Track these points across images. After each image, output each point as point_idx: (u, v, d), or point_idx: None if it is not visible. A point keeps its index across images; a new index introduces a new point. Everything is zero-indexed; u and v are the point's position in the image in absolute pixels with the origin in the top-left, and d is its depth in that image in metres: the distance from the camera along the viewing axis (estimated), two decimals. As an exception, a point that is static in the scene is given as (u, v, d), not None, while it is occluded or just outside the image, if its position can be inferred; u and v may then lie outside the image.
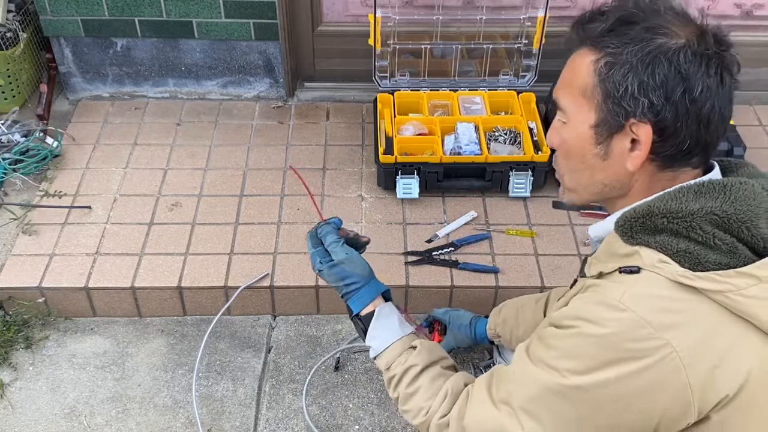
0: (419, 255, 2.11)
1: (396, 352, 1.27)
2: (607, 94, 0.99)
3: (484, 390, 1.11)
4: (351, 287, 1.32)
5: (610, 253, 1.03)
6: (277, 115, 2.66)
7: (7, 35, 2.53)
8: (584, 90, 1.02)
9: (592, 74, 1.00)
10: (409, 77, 2.52)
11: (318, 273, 1.36)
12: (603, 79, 0.99)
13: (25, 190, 2.34)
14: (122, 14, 2.49)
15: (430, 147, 2.30)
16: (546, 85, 2.49)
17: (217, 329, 2.06)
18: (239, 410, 1.88)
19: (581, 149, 1.05)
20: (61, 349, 2.02)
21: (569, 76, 1.06)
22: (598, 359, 0.94)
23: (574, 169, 1.09)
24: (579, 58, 1.04)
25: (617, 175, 1.04)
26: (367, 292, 1.32)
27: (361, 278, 1.33)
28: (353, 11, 2.61)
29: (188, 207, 2.27)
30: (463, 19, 2.47)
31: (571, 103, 1.05)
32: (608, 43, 0.99)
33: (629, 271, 0.96)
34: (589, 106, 1.02)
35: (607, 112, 1.00)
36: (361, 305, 1.32)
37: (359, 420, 1.86)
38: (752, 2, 2.56)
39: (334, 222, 1.40)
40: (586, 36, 1.02)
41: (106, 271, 2.06)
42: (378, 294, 1.33)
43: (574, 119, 1.05)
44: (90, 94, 2.72)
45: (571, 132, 1.06)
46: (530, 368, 1.04)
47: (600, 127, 1.01)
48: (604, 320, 0.94)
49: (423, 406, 1.20)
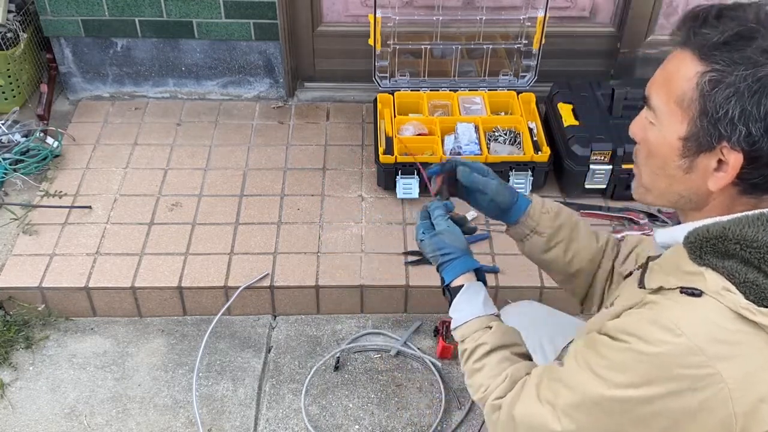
0: (419, 255, 2.11)
1: (473, 329, 1.28)
2: (705, 112, 0.93)
3: (535, 385, 1.11)
4: (446, 257, 1.33)
5: (674, 266, 0.99)
6: (277, 115, 2.67)
7: (8, 35, 2.53)
8: (680, 99, 0.95)
9: (693, 87, 0.93)
10: (409, 77, 2.52)
11: (419, 243, 1.37)
12: (703, 96, 0.92)
13: (25, 190, 2.35)
14: (122, 14, 2.50)
15: (430, 147, 2.30)
16: (546, 85, 2.50)
17: (218, 329, 2.07)
18: (239, 410, 1.88)
19: (665, 156, 1.00)
20: (61, 349, 2.03)
21: (666, 78, 0.99)
22: (645, 376, 0.93)
23: (654, 172, 1.04)
24: (681, 63, 0.96)
25: (696, 190, 0.99)
26: (460, 264, 1.32)
27: (456, 250, 1.33)
28: (353, 11, 2.61)
29: (188, 207, 2.27)
30: (463, 20, 2.47)
31: (664, 107, 0.99)
32: (718, 59, 0.91)
33: (691, 293, 0.93)
34: (682, 117, 0.96)
35: (700, 129, 0.94)
36: (452, 276, 1.32)
37: (359, 420, 1.86)
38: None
39: (446, 204, 1.41)
40: (696, 42, 0.94)
41: (107, 271, 2.07)
42: (469, 269, 1.33)
43: (664, 125, 0.99)
44: (90, 94, 2.73)
45: (658, 136, 1.01)
46: (578, 373, 1.03)
47: (689, 142, 0.96)
48: (658, 341, 0.92)
49: (483, 383, 1.21)
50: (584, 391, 1.01)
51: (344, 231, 2.19)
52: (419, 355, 2.00)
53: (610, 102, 2.32)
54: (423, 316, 2.11)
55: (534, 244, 1.40)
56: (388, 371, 1.97)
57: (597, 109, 2.34)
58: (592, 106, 2.35)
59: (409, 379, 1.96)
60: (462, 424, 1.86)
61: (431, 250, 1.35)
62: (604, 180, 2.25)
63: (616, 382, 0.96)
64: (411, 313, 2.12)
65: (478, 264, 1.34)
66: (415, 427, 1.85)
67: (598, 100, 2.37)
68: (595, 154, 2.21)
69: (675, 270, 0.98)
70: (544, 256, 1.40)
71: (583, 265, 1.39)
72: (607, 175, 2.24)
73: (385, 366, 1.99)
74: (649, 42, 2.62)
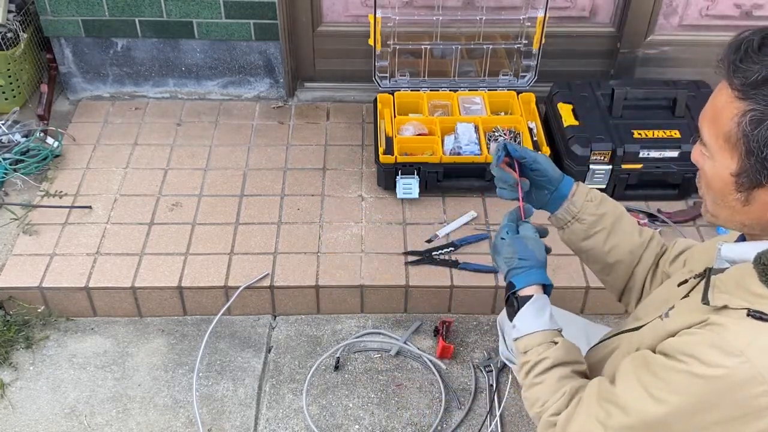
0: (419, 255, 2.11)
1: (537, 341, 1.25)
2: (750, 151, 0.91)
3: (587, 404, 1.10)
4: (522, 263, 1.28)
5: (741, 286, 0.95)
6: (278, 115, 2.67)
7: (8, 35, 2.53)
8: (727, 137, 0.94)
9: (736, 125, 0.92)
10: (409, 77, 2.52)
11: (498, 243, 1.32)
12: (746, 135, 0.91)
13: (25, 190, 2.35)
14: (122, 14, 2.50)
15: (430, 147, 2.31)
16: (546, 86, 2.51)
17: (218, 329, 2.07)
18: (239, 410, 1.88)
19: (722, 189, 0.98)
20: (61, 349, 2.03)
21: (713, 114, 0.97)
22: (701, 400, 0.92)
23: (715, 201, 1.02)
24: (725, 99, 0.94)
25: (759, 220, 0.98)
26: (536, 274, 1.28)
27: (535, 260, 1.29)
28: (353, 11, 2.61)
29: (188, 207, 2.27)
30: (463, 20, 2.47)
31: (714, 143, 0.97)
32: (759, 98, 0.89)
33: (759, 317, 0.90)
34: (731, 154, 0.94)
35: (750, 168, 0.93)
36: (524, 283, 1.28)
37: (359, 420, 1.86)
38: (752, 2, 2.56)
39: (529, 208, 1.38)
40: (737, 78, 0.91)
41: (107, 271, 2.07)
42: (542, 282, 1.29)
43: (717, 160, 0.98)
44: (90, 94, 2.73)
45: (712, 170, 0.99)
46: (630, 393, 1.01)
47: (741, 178, 0.95)
48: (718, 365, 0.90)
49: (541, 398, 1.20)
50: (637, 413, 0.99)
51: (344, 231, 2.20)
52: (419, 355, 2.00)
53: (610, 102, 2.32)
54: (423, 316, 2.11)
55: (574, 231, 1.39)
56: (388, 371, 1.98)
57: (597, 109, 2.34)
58: (592, 106, 2.35)
59: (409, 379, 1.96)
60: (462, 424, 1.86)
61: (510, 252, 1.30)
62: (604, 180, 2.25)
63: (671, 403, 0.94)
64: (411, 313, 2.12)
65: (550, 281, 1.30)
66: (415, 427, 1.85)
67: (598, 100, 2.37)
68: (595, 154, 2.21)
69: (742, 290, 0.95)
70: (583, 244, 1.39)
71: (623, 256, 1.37)
72: (607, 175, 2.24)
73: (385, 366, 1.99)
74: (649, 42, 2.62)
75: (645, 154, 2.21)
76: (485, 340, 2.05)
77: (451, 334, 2.04)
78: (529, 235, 1.31)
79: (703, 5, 2.58)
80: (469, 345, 2.04)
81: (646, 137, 2.23)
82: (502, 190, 1.36)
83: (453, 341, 2.02)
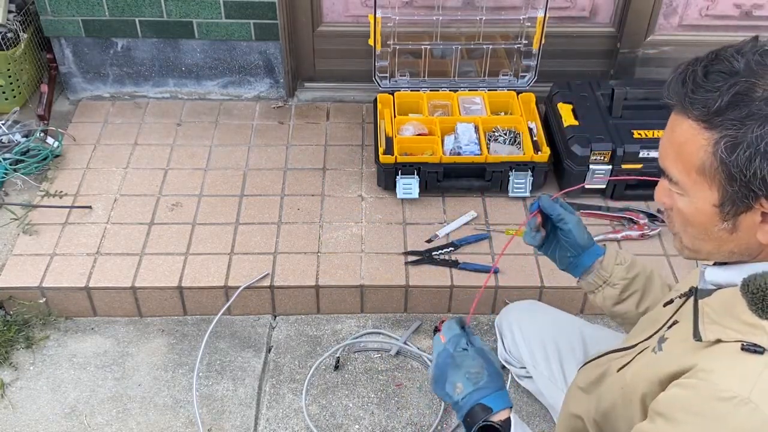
0: (419, 255, 2.11)
1: None
2: (732, 177, 0.88)
3: None
4: (491, 382, 1.16)
5: (733, 314, 0.92)
6: (278, 115, 2.67)
7: (8, 35, 2.53)
8: (701, 169, 0.90)
9: (710, 155, 0.88)
10: (409, 77, 2.52)
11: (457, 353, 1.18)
12: (725, 163, 0.87)
13: (25, 190, 2.35)
14: (123, 14, 2.50)
15: (430, 147, 2.31)
16: (546, 86, 2.51)
17: (218, 329, 2.07)
18: (239, 410, 1.88)
19: (704, 224, 0.95)
20: (61, 349, 2.03)
21: (677, 151, 0.93)
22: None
23: (696, 237, 0.98)
24: (688, 133, 0.90)
25: (748, 245, 0.94)
26: (505, 394, 1.17)
27: (499, 376, 1.17)
28: (353, 11, 2.61)
29: (188, 207, 2.27)
30: (463, 20, 2.47)
31: (686, 178, 0.93)
32: (727, 124, 0.86)
33: (753, 350, 0.87)
34: (709, 184, 0.91)
35: (733, 194, 0.89)
36: (502, 404, 1.15)
37: (359, 419, 1.86)
38: (752, 2, 2.56)
39: (460, 318, 1.27)
40: (695, 110, 0.89)
41: (107, 271, 2.07)
42: (510, 404, 1.17)
43: (693, 195, 0.94)
44: (90, 94, 2.73)
45: (690, 206, 0.95)
46: None
47: (725, 206, 0.91)
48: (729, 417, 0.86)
49: None
50: None
51: (344, 231, 2.20)
52: (419, 355, 2.00)
53: (609, 102, 2.32)
54: (423, 315, 2.11)
55: (607, 296, 1.37)
56: (388, 371, 1.98)
57: (597, 109, 2.34)
58: (592, 106, 2.35)
59: (409, 379, 1.96)
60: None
61: (477, 366, 1.16)
62: (604, 180, 2.26)
63: None
64: (411, 313, 2.12)
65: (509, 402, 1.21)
66: (415, 427, 1.85)
67: (598, 100, 2.37)
68: (594, 154, 2.21)
69: (733, 319, 0.92)
70: (616, 308, 1.37)
71: None
72: (607, 175, 2.24)
73: (385, 366, 1.99)
74: (649, 42, 2.62)
75: (645, 154, 2.21)
76: (485, 340, 2.05)
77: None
78: (485, 347, 1.20)
79: (703, 5, 2.58)
80: (469, 345, 2.03)
81: (646, 137, 2.23)
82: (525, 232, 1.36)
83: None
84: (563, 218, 1.34)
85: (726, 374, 0.87)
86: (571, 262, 1.38)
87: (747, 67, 0.86)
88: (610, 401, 1.14)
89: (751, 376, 0.86)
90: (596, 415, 1.20)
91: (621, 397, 1.10)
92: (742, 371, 0.87)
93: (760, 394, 0.84)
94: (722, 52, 0.89)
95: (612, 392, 1.14)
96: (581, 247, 1.35)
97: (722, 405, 0.86)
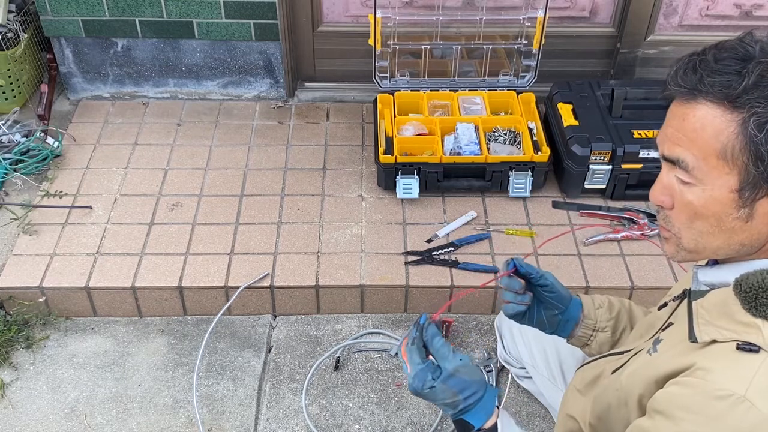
0: (419, 255, 2.11)
1: None
2: (759, 157, 0.87)
3: None
4: (471, 399, 1.12)
5: (727, 314, 0.92)
6: (278, 115, 2.67)
7: (8, 35, 2.53)
8: (723, 152, 0.89)
9: (735, 136, 0.88)
10: (409, 77, 2.52)
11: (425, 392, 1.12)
12: (754, 141, 0.87)
13: (25, 190, 2.35)
14: (123, 14, 2.50)
15: (430, 147, 2.31)
16: (546, 86, 2.51)
17: (218, 329, 2.07)
18: (239, 410, 1.88)
19: (718, 213, 0.93)
20: (61, 349, 2.03)
21: (692, 136, 0.92)
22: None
23: (704, 232, 0.96)
24: (704, 116, 0.90)
25: (759, 236, 0.94)
26: (489, 399, 1.14)
27: (479, 385, 1.14)
28: (353, 11, 2.61)
29: (189, 207, 2.27)
30: (463, 20, 2.47)
31: (702, 165, 0.92)
32: (754, 101, 0.86)
33: (749, 349, 0.87)
34: (729, 169, 0.90)
35: (756, 176, 0.89)
36: (484, 417, 1.12)
37: (359, 419, 1.86)
38: (752, 2, 2.56)
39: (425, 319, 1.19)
40: (715, 92, 0.89)
41: (107, 271, 2.07)
42: (496, 404, 1.15)
43: (709, 183, 0.93)
44: (90, 94, 2.73)
45: (703, 195, 0.94)
46: None
47: (744, 191, 0.90)
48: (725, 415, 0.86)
49: None
50: None
51: (344, 231, 2.20)
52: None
53: (609, 102, 2.32)
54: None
55: (601, 342, 1.36)
56: (388, 371, 1.98)
57: (597, 109, 2.34)
58: (592, 106, 2.35)
59: (409, 379, 1.96)
60: (462, 424, 1.86)
61: (450, 395, 1.12)
62: (604, 180, 2.26)
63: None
64: (411, 313, 2.12)
65: (495, 388, 1.21)
66: (415, 427, 1.85)
67: (598, 100, 2.37)
68: (594, 154, 2.21)
69: (728, 319, 0.92)
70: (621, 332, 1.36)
71: None
72: (607, 174, 2.24)
73: (385, 366, 1.99)
74: (649, 42, 2.62)
75: (645, 154, 2.21)
76: (485, 340, 2.05)
77: (451, 334, 2.05)
78: (458, 365, 1.13)
79: (703, 5, 2.58)
80: (469, 345, 2.04)
81: (646, 137, 2.23)
82: (507, 304, 1.30)
83: (453, 341, 2.03)
84: (543, 274, 1.31)
85: (723, 373, 0.88)
86: (560, 320, 1.35)
87: (763, 51, 0.88)
88: (605, 403, 1.14)
89: (747, 374, 0.86)
90: (591, 417, 1.20)
91: (615, 398, 1.10)
92: (738, 370, 0.87)
93: (756, 392, 0.85)
94: (724, 43, 0.90)
95: (606, 394, 1.14)
96: (566, 299, 1.33)
97: (719, 403, 0.86)
